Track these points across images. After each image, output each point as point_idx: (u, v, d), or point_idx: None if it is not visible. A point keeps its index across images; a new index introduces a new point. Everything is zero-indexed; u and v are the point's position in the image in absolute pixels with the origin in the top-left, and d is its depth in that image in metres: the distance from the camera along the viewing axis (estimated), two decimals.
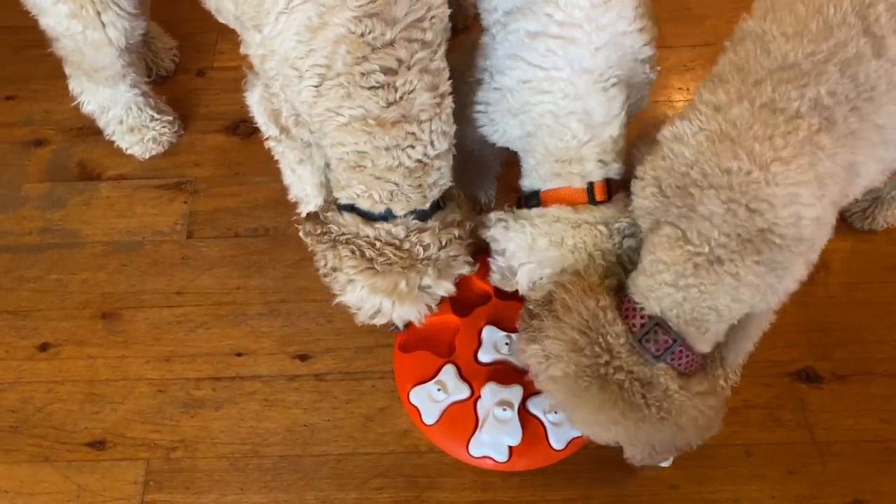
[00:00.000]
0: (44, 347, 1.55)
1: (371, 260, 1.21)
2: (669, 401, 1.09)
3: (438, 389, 1.41)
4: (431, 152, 1.17)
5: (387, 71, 1.09)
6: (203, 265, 1.63)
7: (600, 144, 1.20)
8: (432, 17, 1.10)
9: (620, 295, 1.15)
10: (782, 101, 1.00)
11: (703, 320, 1.08)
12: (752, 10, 1.11)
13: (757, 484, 1.39)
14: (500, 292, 1.50)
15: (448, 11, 1.16)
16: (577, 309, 1.13)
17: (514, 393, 1.38)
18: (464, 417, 1.39)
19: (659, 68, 1.28)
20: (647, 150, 1.12)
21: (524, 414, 1.38)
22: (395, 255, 1.21)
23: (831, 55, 1.00)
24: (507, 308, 1.46)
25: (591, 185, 1.21)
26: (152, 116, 1.70)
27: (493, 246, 1.29)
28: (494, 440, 1.36)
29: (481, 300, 1.51)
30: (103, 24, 1.41)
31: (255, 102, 1.33)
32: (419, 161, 1.17)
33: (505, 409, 1.38)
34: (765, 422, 1.44)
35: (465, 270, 1.29)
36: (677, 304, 1.07)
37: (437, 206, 1.24)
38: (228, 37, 1.89)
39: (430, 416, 1.40)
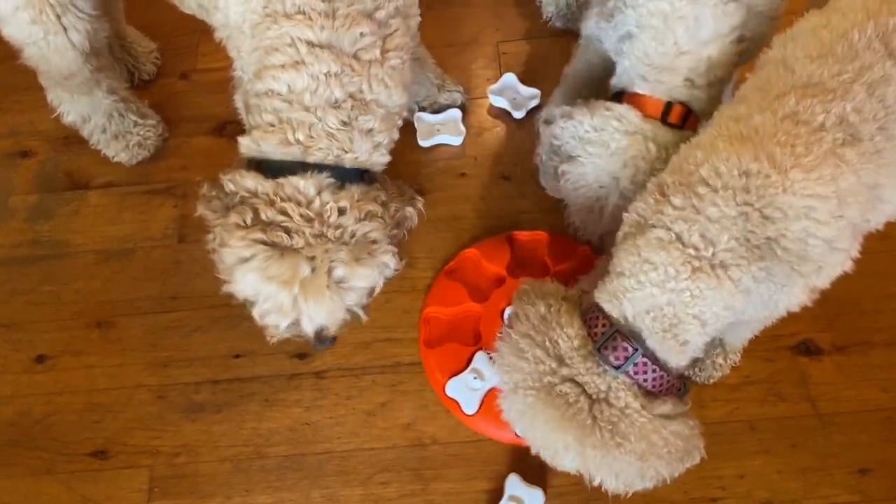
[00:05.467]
0: (40, 359, 1.54)
1: (267, 226, 1.00)
2: (627, 421, 1.00)
3: (475, 378, 1.41)
4: (368, 93, 1.05)
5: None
6: (196, 269, 1.61)
7: (696, 61, 1.19)
8: None
9: (587, 301, 1.09)
10: (806, 114, 0.97)
11: (684, 329, 1.01)
12: (772, 41, 1.10)
13: (762, 459, 1.39)
14: (513, 271, 1.52)
15: None
16: (527, 313, 1.07)
17: None
18: None
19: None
20: None
21: None
22: (298, 218, 1.00)
23: (858, 76, 0.98)
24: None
25: (669, 105, 1.19)
26: (135, 122, 1.68)
27: (552, 144, 1.26)
28: None
29: (496, 283, 1.51)
30: (64, 28, 1.40)
31: (238, 100, 1.31)
32: (351, 96, 1.04)
33: None
34: (767, 396, 1.43)
35: (389, 262, 1.07)
36: (657, 308, 1.00)
37: (361, 177, 1.09)
38: (210, 38, 1.87)
39: (470, 407, 1.41)
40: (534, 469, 1.39)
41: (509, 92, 1.74)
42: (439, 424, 1.44)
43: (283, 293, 1.02)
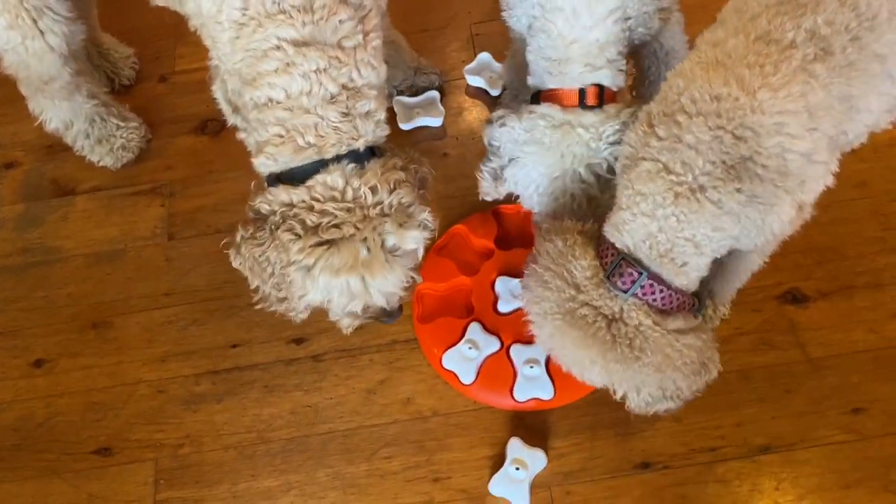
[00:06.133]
0: (38, 364, 1.55)
1: (317, 228, 1.08)
2: (642, 337, 1.08)
3: (470, 348, 1.44)
4: (358, 79, 1.11)
5: None
6: (188, 264, 1.63)
7: (585, 47, 1.22)
8: None
9: (600, 238, 1.16)
10: (777, 33, 1.01)
11: (679, 252, 1.07)
12: None
13: (757, 406, 1.42)
14: (501, 243, 1.55)
15: None
16: (547, 249, 1.15)
17: (539, 350, 1.40)
18: (501, 368, 1.43)
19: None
20: None
21: None
22: (340, 211, 1.08)
23: None
24: (513, 256, 1.50)
25: (582, 90, 1.23)
26: (117, 125, 1.70)
27: (491, 145, 1.31)
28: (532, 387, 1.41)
29: (484, 256, 1.55)
30: (41, 32, 1.41)
31: (216, 90, 1.33)
32: (344, 87, 1.09)
33: (532, 367, 1.41)
34: (757, 346, 1.46)
35: (427, 219, 1.16)
36: (651, 236, 1.07)
37: (373, 152, 1.15)
38: (186, 40, 1.91)
39: (467, 376, 1.43)
40: (534, 432, 1.41)
41: (485, 71, 1.77)
42: (438, 397, 1.46)
43: (353, 279, 1.10)
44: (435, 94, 1.73)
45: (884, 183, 1.60)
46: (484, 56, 1.78)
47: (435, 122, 1.73)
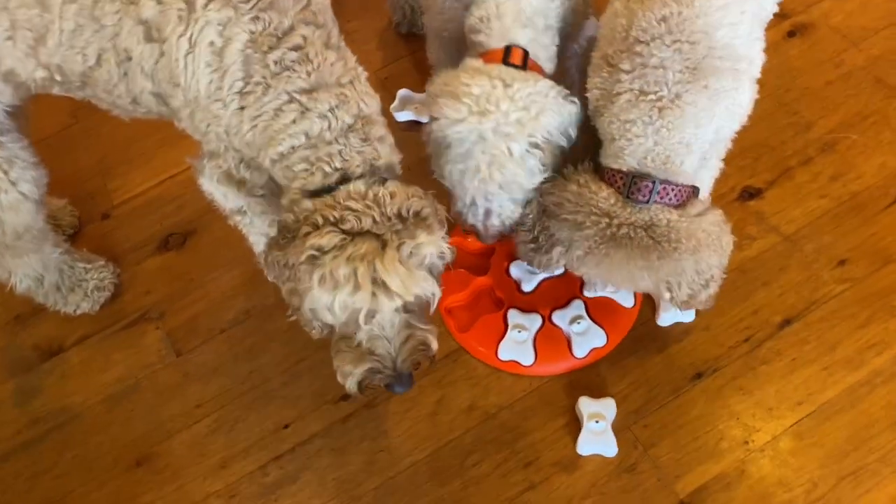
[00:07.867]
0: None
1: (336, 223, 1.11)
2: (675, 231, 1.23)
3: (519, 332, 1.53)
4: (366, 108, 1.23)
5: (296, 47, 1.18)
6: (207, 371, 1.62)
7: (517, 3, 1.34)
8: (316, 2, 1.23)
9: (600, 171, 1.30)
10: None
11: (676, 155, 1.24)
12: None
13: (763, 291, 1.58)
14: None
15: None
16: (565, 197, 1.28)
17: (578, 305, 1.55)
18: (553, 337, 1.53)
19: None
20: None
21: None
22: (362, 206, 1.12)
23: None
24: (511, 242, 1.56)
25: (508, 48, 1.32)
26: (85, 268, 1.68)
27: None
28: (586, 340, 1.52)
29: (488, 254, 1.65)
30: (13, 183, 1.40)
31: (208, 179, 1.36)
32: (357, 116, 1.20)
33: (579, 323, 1.53)
34: (742, 242, 1.63)
35: (439, 227, 1.19)
36: (650, 150, 1.23)
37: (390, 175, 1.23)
38: (114, 174, 1.93)
39: (527, 358, 1.52)
40: (593, 388, 1.50)
41: (409, 104, 1.89)
42: (496, 393, 1.53)
43: (361, 267, 1.10)
44: None
45: (775, 79, 1.84)
46: (403, 92, 1.90)
47: None
